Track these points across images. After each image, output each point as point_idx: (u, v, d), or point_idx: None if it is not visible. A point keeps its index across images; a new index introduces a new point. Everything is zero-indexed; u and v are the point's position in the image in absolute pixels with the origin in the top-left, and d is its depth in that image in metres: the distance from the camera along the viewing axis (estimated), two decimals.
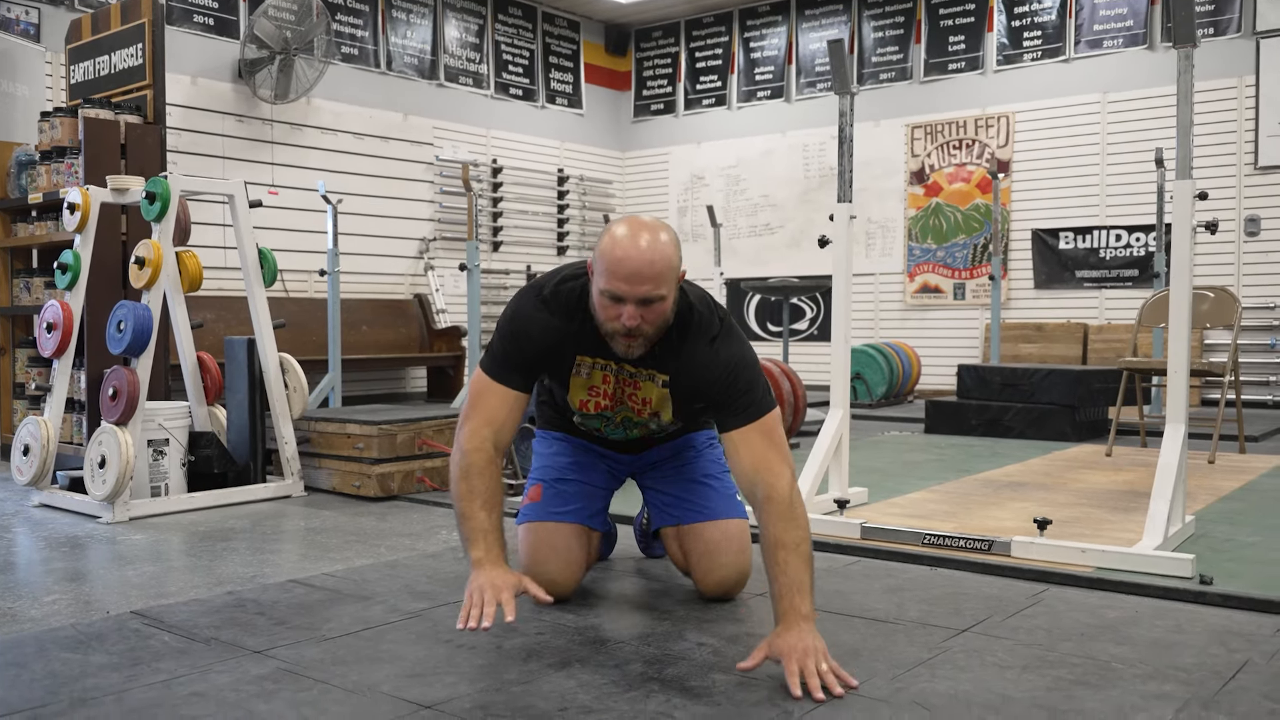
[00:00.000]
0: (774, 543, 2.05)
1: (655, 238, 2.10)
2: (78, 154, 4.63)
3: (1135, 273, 8.28)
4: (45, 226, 4.97)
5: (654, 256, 2.08)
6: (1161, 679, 1.96)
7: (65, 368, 4.08)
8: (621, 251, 2.08)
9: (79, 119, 4.62)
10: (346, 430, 4.22)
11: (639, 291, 2.08)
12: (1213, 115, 7.83)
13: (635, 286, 2.07)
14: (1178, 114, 3.03)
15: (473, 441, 2.23)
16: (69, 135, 4.79)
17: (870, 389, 8.04)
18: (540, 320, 2.27)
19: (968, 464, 4.90)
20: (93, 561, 3.15)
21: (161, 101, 4.87)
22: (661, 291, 2.10)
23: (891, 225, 9.44)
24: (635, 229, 2.11)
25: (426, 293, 8.81)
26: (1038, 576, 2.76)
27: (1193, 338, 4.38)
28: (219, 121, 7.63)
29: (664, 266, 2.09)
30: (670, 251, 2.11)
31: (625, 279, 2.07)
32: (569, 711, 1.79)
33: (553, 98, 10.23)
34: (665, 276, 2.10)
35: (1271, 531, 3.31)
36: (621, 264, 2.07)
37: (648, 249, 2.08)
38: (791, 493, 2.12)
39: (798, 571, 2.01)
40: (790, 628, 1.95)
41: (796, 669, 1.87)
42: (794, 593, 1.99)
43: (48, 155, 4.86)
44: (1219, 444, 5.00)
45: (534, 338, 2.27)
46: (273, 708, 1.82)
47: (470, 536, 2.16)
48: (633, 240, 2.09)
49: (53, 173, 4.83)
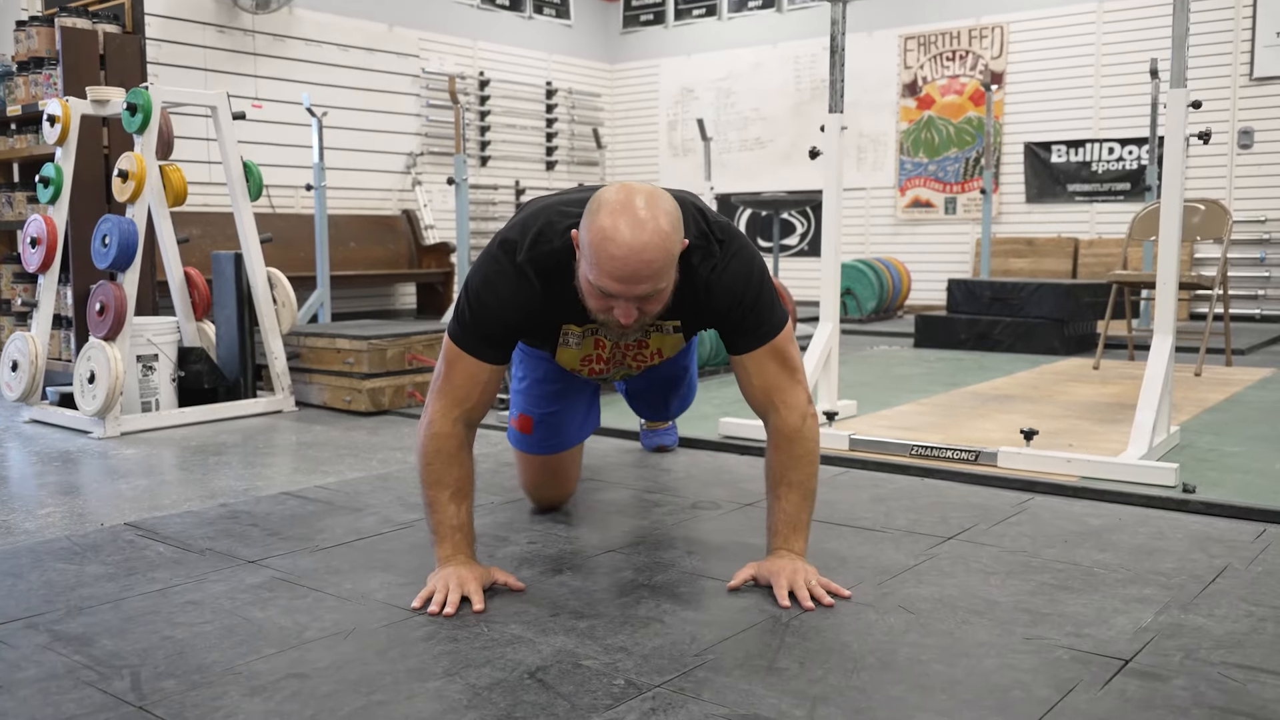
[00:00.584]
0: (777, 476, 2.00)
1: (654, 225, 1.73)
2: (55, 65, 4.54)
3: (1127, 186, 8.24)
4: (25, 139, 4.90)
5: (653, 253, 1.73)
6: (1142, 583, 2.00)
7: (51, 283, 4.05)
8: (615, 248, 1.72)
9: (56, 28, 4.51)
10: (336, 345, 4.21)
11: (636, 291, 1.76)
12: (1209, 25, 7.72)
13: (631, 287, 1.75)
14: (1174, 23, 2.99)
15: (443, 424, 1.97)
16: (46, 45, 4.69)
17: (860, 304, 8.04)
18: (515, 288, 1.94)
19: (956, 377, 4.93)
20: (85, 476, 3.16)
21: (140, 11, 4.76)
22: (661, 285, 1.79)
23: (883, 139, 9.35)
24: (630, 217, 1.73)
25: (414, 208, 8.74)
26: (1023, 486, 2.79)
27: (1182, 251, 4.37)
28: (199, 32, 7.47)
29: (664, 260, 1.75)
30: (670, 239, 1.76)
31: (620, 279, 1.74)
32: (561, 616, 1.82)
33: (540, 7, 10.03)
34: (665, 269, 1.77)
35: (1254, 442, 3.35)
36: (615, 262, 1.72)
37: (645, 244, 1.72)
38: (802, 420, 2.00)
39: (796, 509, 1.98)
40: (780, 557, 1.95)
41: (785, 584, 1.88)
42: (789, 530, 1.97)
43: (25, 66, 4.76)
44: (1206, 357, 5.04)
45: (509, 307, 1.95)
46: (268, 615, 1.84)
47: (438, 531, 1.96)
48: (629, 233, 1.72)
49: (30, 84, 4.74)
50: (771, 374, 2.01)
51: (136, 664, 1.62)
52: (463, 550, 1.95)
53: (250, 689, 1.53)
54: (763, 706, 1.47)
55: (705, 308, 2.00)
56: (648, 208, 1.75)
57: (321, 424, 3.97)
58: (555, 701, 1.49)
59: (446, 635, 1.73)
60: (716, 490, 2.77)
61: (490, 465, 3.12)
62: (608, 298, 1.79)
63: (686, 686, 1.54)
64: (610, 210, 1.74)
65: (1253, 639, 1.71)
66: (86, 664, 1.62)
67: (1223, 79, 7.75)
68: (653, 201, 1.77)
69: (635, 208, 1.74)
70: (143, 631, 1.76)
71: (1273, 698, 1.49)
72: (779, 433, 2.01)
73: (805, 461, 2.00)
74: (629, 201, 1.75)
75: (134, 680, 1.56)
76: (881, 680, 1.56)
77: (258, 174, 4.34)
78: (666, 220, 1.76)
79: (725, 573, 2.04)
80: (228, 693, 1.52)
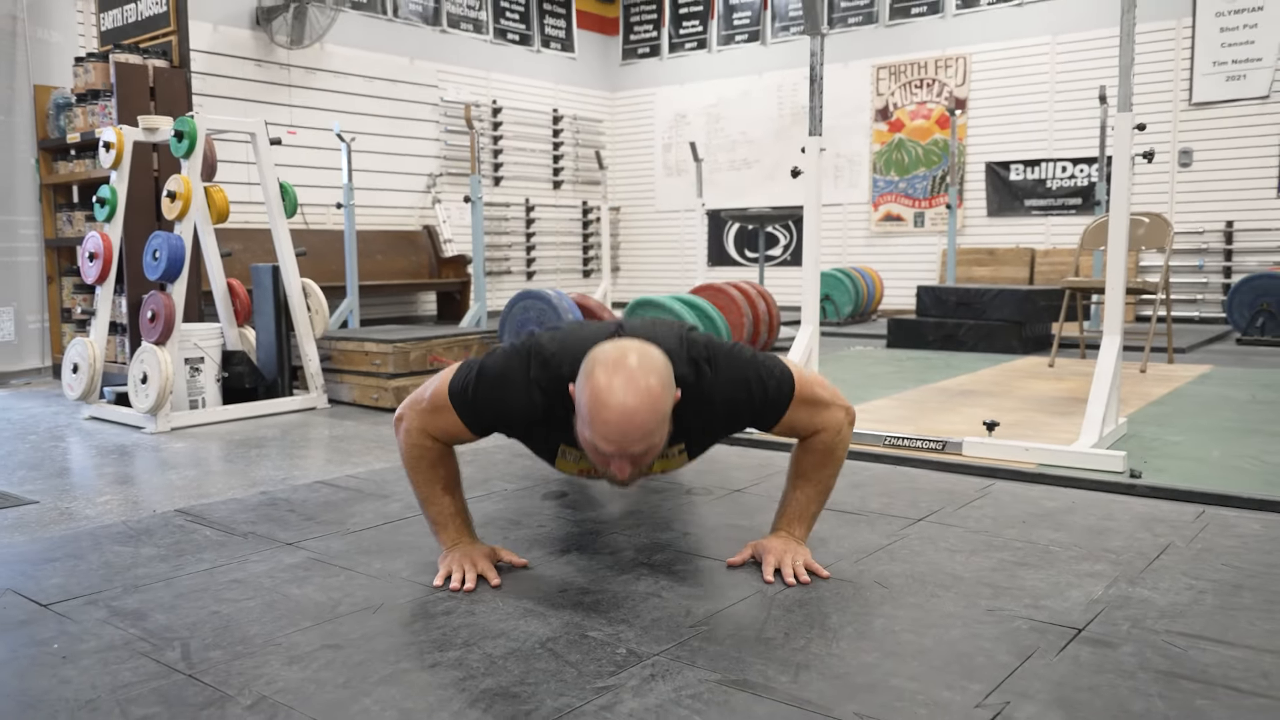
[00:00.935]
0: (799, 470, 1.97)
1: (645, 385, 1.63)
2: (110, 96, 4.54)
3: (1079, 201, 8.24)
4: (84, 164, 4.90)
5: (644, 416, 1.62)
6: (1094, 560, 2.00)
7: (107, 293, 4.05)
8: (608, 413, 1.62)
9: (110, 64, 4.52)
10: (364, 348, 4.21)
11: (629, 451, 1.65)
12: (1152, 55, 7.72)
13: (624, 448, 1.65)
14: (1120, 53, 2.99)
15: (422, 439, 1.90)
16: (101, 79, 4.69)
17: (838, 308, 8.04)
18: (525, 400, 1.81)
19: (925, 375, 4.93)
20: (139, 467, 3.16)
21: (186, 47, 4.76)
22: (654, 442, 1.67)
23: (858, 159, 9.34)
24: (623, 379, 1.62)
25: (434, 224, 8.73)
26: (986, 473, 2.79)
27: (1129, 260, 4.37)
28: (239, 66, 7.46)
29: (655, 422, 1.65)
30: (661, 400, 1.65)
31: (612, 441, 1.64)
32: (569, 592, 1.82)
33: (547, 42, 10.02)
34: (657, 429, 1.66)
35: (1195, 432, 3.36)
36: (609, 427, 1.62)
37: (636, 408, 1.61)
38: (837, 435, 1.93)
39: (808, 501, 1.96)
40: (778, 538, 1.95)
41: (773, 562, 1.89)
42: (795, 517, 1.97)
43: (83, 98, 4.77)
44: (1150, 355, 5.04)
45: (513, 412, 1.84)
46: (305, 592, 1.84)
47: (438, 521, 1.94)
48: (621, 396, 1.61)
49: (88, 114, 4.74)
50: (804, 418, 1.91)
51: (186, 636, 1.63)
52: (465, 533, 1.95)
53: (289, 658, 1.53)
54: (751, 673, 1.47)
55: (712, 423, 1.89)
56: (640, 368, 1.65)
57: (351, 419, 3.97)
58: (564, 669, 1.49)
59: (465, 610, 1.74)
60: (709, 478, 2.77)
61: (504, 456, 3.12)
62: (603, 455, 1.68)
63: (682, 655, 1.54)
64: (605, 370, 1.64)
65: (1193, 610, 1.72)
66: (141, 636, 1.63)
67: (1165, 104, 7.75)
68: (644, 362, 1.66)
69: (628, 368, 1.64)
70: (192, 607, 1.76)
71: (1212, 662, 1.50)
72: (816, 445, 1.94)
73: (831, 465, 1.96)
74: (621, 362, 1.65)
75: (184, 651, 1.57)
76: (858, 649, 1.56)
77: (293, 194, 4.34)
78: (657, 380, 1.65)
79: (717, 552, 2.05)
80: (268, 662, 1.52)
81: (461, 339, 4.40)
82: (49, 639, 1.62)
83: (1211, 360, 5.47)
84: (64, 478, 2.98)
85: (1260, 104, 7.46)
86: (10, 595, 1.84)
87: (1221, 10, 7.52)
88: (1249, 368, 5.10)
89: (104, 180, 4.27)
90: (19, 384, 5.06)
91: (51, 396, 4.60)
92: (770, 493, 2.58)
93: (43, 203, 5.15)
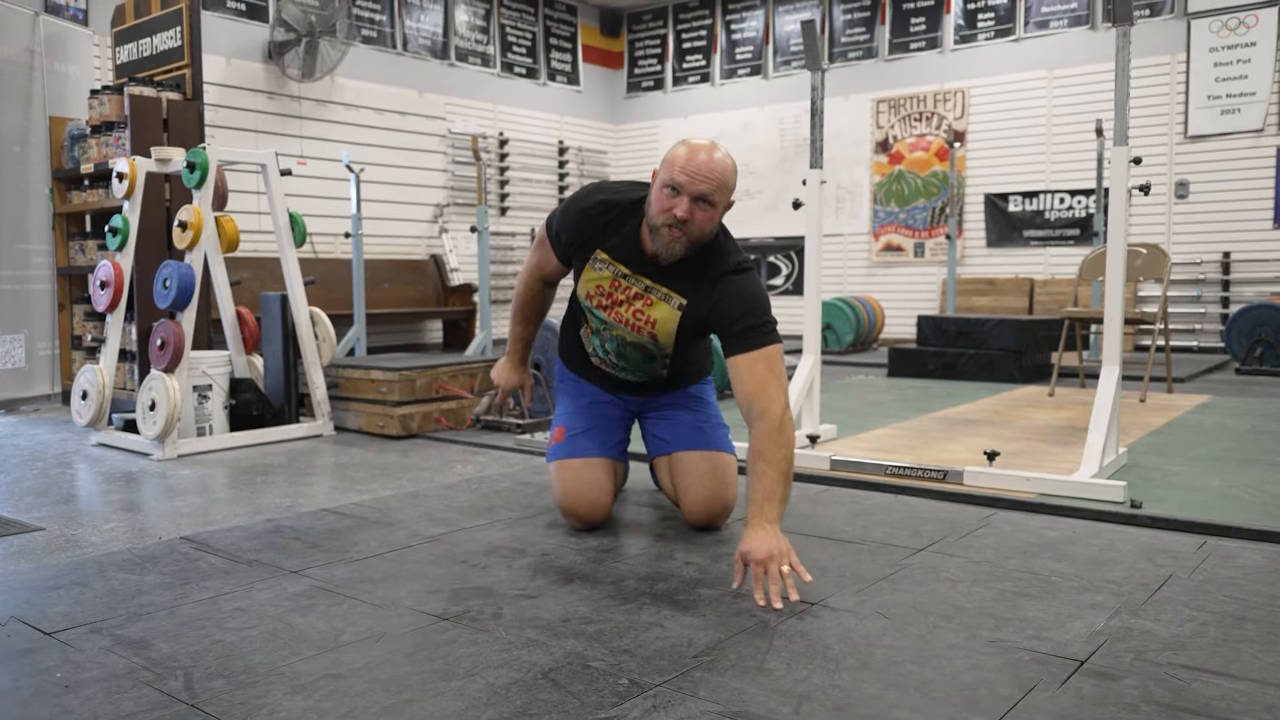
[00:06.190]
0: (757, 454, 2.05)
1: (723, 155, 2.18)
2: (124, 128, 4.57)
3: (1076, 232, 8.25)
4: (96, 194, 4.93)
5: (717, 166, 2.14)
6: (1095, 591, 1.98)
7: (117, 321, 4.06)
8: (690, 152, 2.14)
9: (125, 96, 4.55)
10: (371, 376, 4.21)
11: (697, 188, 2.12)
12: (1148, 89, 7.77)
13: (695, 183, 2.12)
14: (1116, 88, 3.00)
15: (527, 275, 2.58)
16: (116, 111, 4.72)
17: (839, 337, 8.03)
18: (586, 217, 2.32)
19: (926, 404, 4.92)
20: (146, 493, 3.15)
21: (199, 80, 4.79)
22: (714, 198, 2.15)
23: (858, 190, 9.37)
24: (707, 143, 2.18)
25: (441, 253, 8.76)
26: (987, 502, 2.78)
27: (1127, 290, 4.36)
28: (251, 98, 7.52)
29: (723, 177, 2.15)
30: (729, 170, 2.17)
31: (689, 173, 2.12)
32: (571, 621, 1.80)
33: (553, 76, 10.10)
34: (721, 186, 2.15)
35: (1195, 462, 3.34)
36: (689, 161, 2.13)
37: (714, 158, 2.15)
38: (783, 416, 2.09)
39: (773, 482, 2.01)
40: (755, 530, 1.93)
41: (760, 574, 1.88)
42: (765, 500, 1.99)
43: (97, 129, 4.80)
44: (1149, 385, 5.02)
45: (577, 227, 2.34)
46: (308, 620, 1.83)
47: (510, 340, 2.68)
48: (703, 148, 2.15)
49: (102, 145, 4.77)
50: (762, 374, 2.14)
51: (189, 665, 1.61)
52: (517, 354, 2.68)
53: (292, 688, 1.52)
54: (753, 704, 1.45)
55: (716, 304, 2.23)
56: (721, 148, 2.20)
57: (357, 447, 3.96)
58: (566, 700, 1.47)
59: (468, 639, 1.72)
60: None
61: (508, 484, 3.10)
62: (674, 194, 2.14)
63: (685, 685, 1.52)
64: (693, 139, 2.21)
65: (1196, 641, 1.70)
66: (144, 665, 1.61)
67: (1160, 136, 7.78)
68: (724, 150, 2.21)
69: (713, 143, 2.19)
70: (195, 635, 1.75)
71: (1215, 695, 1.48)
72: (763, 420, 2.09)
73: (784, 444, 2.06)
74: (709, 141, 2.20)
75: (187, 680, 1.55)
76: (860, 680, 1.54)
77: (302, 223, 4.35)
78: (731, 161, 2.19)
79: (719, 582, 2.03)
80: (271, 691, 1.50)
81: (467, 367, 4.39)
82: (52, 668, 1.61)
83: (1210, 390, 5.45)
84: (71, 504, 2.97)
85: (1255, 137, 7.49)
86: (15, 623, 1.83)
87: (1215, 46, 7.57)
88: (1248, 397, 5.08)
89: (116, 210, 4.29)
90: (28, 410, 5.06)
91: (60, 423, 4.60)
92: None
93: (56, 231, 5.18)
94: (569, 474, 2.47)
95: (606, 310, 2.37)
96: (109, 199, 4.76)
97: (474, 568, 2.16)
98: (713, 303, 2.23)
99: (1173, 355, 5.93)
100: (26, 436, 4.24)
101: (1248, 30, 7.47)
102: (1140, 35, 7.51)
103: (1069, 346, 5.41)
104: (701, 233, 2.18)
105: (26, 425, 4.57)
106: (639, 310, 2.32)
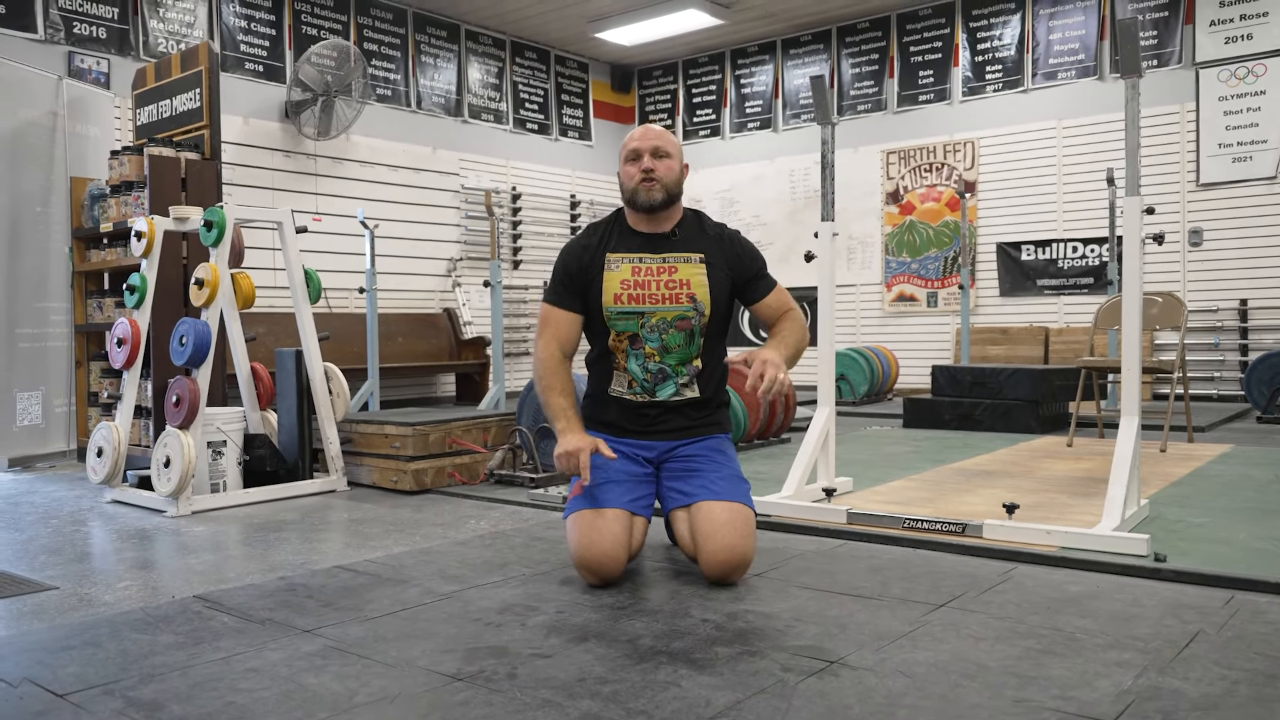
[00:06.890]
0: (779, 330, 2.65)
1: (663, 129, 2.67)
2: (143, 187, 4.64)
3: (1090, 280, 8.25)
4: (115, 252, 4.99)
5: (655, 130, 2.63)
6: (1121, 648, 1.94)
7: (134, 378, 4.09)
8: (635, 131, 2.64)
9: (144, 156, 4.63)
10: (384, 431, 4.21)
11: (650, 143, 2.57)
12: (1158, 138, 7.81)
13: (646, 140, 2.59)
14: (1126, 137, 3.01)
15: (546, 352, 2.62)
16: (135, 171, 4.80)
17: (853, 388, 8.01)
18: (578, 243, 2.66)
19: (942, 455, 4.88)
20: (159, 551, 3.15)
21: (217, 140, 4.88)
22: (667, 148, 2.59)
23: (870, 241, 9.41)
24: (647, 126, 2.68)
25: (454, 307, 8.81)
26: (1007, 556, 2.74)
27: (1144, 339, 4.34)
28: (268, 157, 7.64)
29: (666, 135, 2.62)
30: (672, 137, 2.63)
31: (638, 138, 2.60)
32: (587, 681, 1.78)
33: (565, 131, 10.23)
34: (671, 144, 2.61)
35: (1218, 513, 3.29)
36: (636, 133, 2.62)
37: (652, 128, 2.64)
38: (801, 318, 2.68)
39: (785, 341, 2.60)
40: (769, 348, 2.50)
41: (759, 368, 2.39)
42: (780, 342, 2.58)
43: (117, 189, 4.87)
44: (1169, 434, 4.97)
45: (576, 255, 2.63)
46: (321, 681, 1.81)
47: (554, 415, 2.54)
48: (643, 127, 2.65)
49: (121, 204, 4.84)
50: (783, 299, 2.72)
51: None
52: (574, 423, 2.53)
53: None
54: None
55: (729, 252, 2.64)
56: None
57: (371, 502, 3.95)
58: None
59: (482, 700, 1.70)
60: None
61: (522, 540, 3.09)
62: (635, 160, 2.57)
63: None
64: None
65: (1227, 701, 1.66)
66: None
67: (1173, 185, 7.80)
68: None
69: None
70: (208, 697, 1.73)
71: None
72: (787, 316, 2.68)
73: (797, 328, 2.65)
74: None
75: None
76: None
77: (317, 280, 4.39)
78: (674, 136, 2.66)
79: (737, 640, 2.00)
80: None
81: (480, 421, 4.39)
82: None
83: (1231, 439, 5.40)
84: (84, 563, 2.97)
85: (1268, 184, 7.50)
86: (27, 685, 1.81)
87: (1225, 95, 7.62)
88: (1270, 446, 5.03)
89: (134, 268, 4.34)
90: (44, 467, 5.07)
91: (75, 480, 4.61)
92: (789, 577, 2.54)
93: (74, 289, 5.24)
94: (584, 524, 2.46)
95: (639, 300, 2.58)
96: (127, 257, 4.82)
97: (488, 626, 2.14)
98: (725, 253, 2.64)
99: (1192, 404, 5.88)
100: (42, 494, 4.25)
101: (1256, 79, 7.52)
102: (1149, 85, 7.57)
103: (1086, 396, 5.37)
104: (669, 178, 2.57)
105: (42, 482, 4.58)
106: (669, 280, 2.60)
